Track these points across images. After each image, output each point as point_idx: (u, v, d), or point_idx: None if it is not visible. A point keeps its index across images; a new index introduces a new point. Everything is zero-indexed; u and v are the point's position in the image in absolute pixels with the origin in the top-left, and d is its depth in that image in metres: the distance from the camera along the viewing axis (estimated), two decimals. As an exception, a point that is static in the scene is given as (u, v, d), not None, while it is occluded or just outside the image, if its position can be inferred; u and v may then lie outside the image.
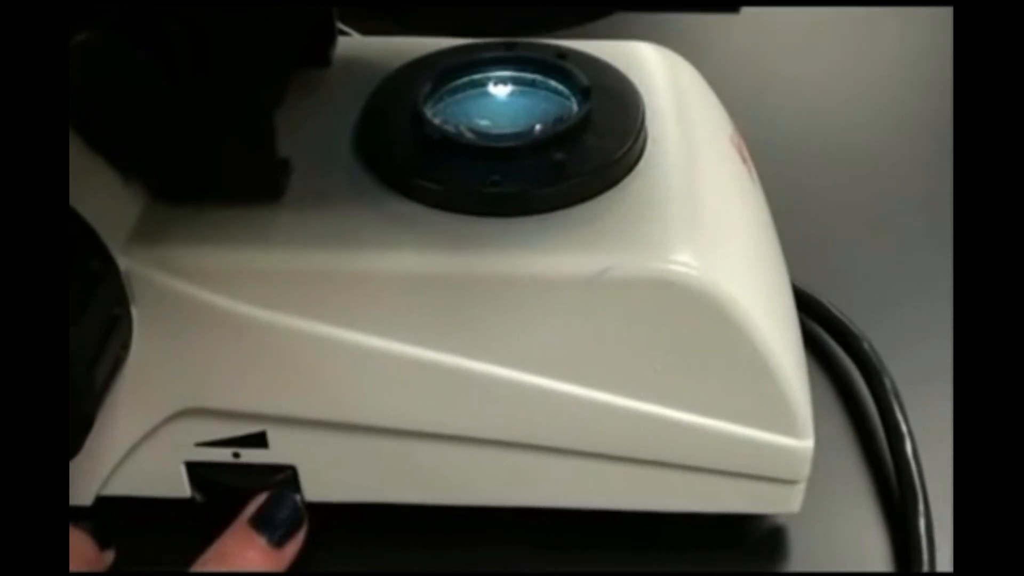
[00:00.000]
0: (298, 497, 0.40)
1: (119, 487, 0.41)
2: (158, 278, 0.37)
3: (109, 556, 0.40)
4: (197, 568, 0.38)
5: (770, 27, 0.70)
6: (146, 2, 0.30)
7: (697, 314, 0.36)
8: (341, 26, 0.50)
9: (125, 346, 0.37)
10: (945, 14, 0.72)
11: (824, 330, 0.49)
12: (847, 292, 0.50)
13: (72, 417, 0.34)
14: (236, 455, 0.40)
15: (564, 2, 0.30)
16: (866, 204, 0.57)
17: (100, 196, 0.36)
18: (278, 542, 0.39)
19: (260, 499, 0.40)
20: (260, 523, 0.39)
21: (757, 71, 0.68)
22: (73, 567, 0.38)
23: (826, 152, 0.61)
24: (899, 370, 0.46)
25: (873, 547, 0.41)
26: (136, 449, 0.40)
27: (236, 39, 0.36)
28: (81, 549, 0.39)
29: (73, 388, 0.34)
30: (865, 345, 0.47)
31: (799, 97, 0.67)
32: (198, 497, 0.41)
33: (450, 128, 0.40)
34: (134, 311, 0.37)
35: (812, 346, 0.49)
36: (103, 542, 0.40)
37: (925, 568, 0.40)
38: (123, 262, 0.36)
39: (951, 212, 0.53)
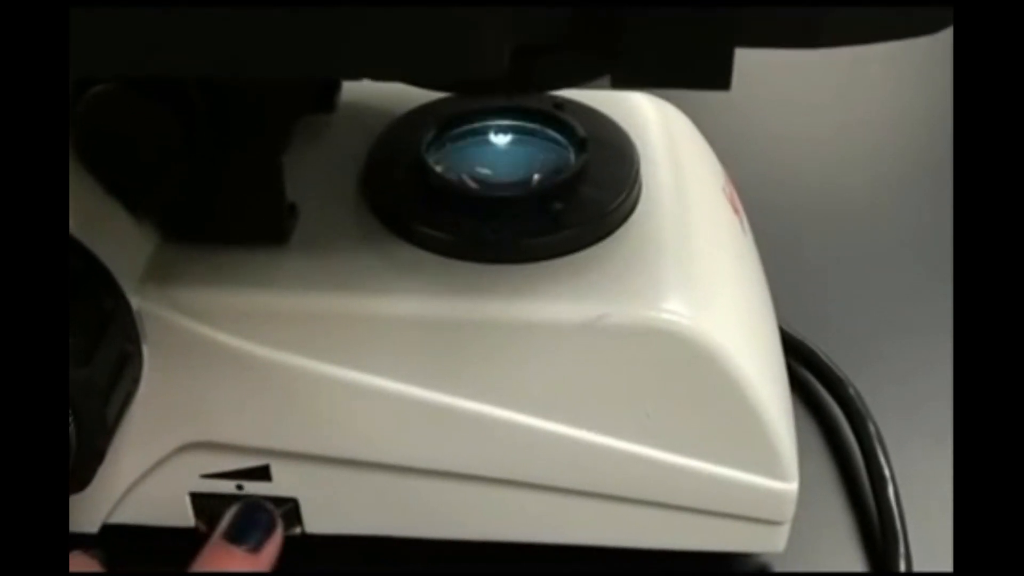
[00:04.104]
0: (267, 503, 0.41)
1: (125, 516, 0.42)
2: (168, 317, 0.38)
3: None
4: None
5: (762, 79, 0.72)
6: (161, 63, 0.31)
7: (688, 361, 0.37)
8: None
9: (135, 381, 0.38)
10: (941, 60, 0.73)
11: (811, 375, 0.50)
12: (835, 338, 0.51)
13: (85, 449, 0.36)
14: (240, 487, 0.41)
15: (560, 74, 0.32)
16: (856, 252, 0.58)
17: (114, 238, 0.38)
18: (255, 548, 0.40)
19: (231, 513, 0.41)
20: (235, 535, 0.40)
21: (749, 121, 0.69)
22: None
23: (816, 201, 0.63)
24: (883, 415, 0.47)
25: (856, 586, 0.43)
26: (143, 480, 0.41)
27: (246, 88, 0.37)
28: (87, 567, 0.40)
29: (86, 422, 0.35)
30: (851, 390, 0.48)
31: (790, 147, 0.68)
32: (202, 527, 0.42)
33: (452, 177, 0.41)
34: (145, 348, 0.38)
35: (799, 390, 0.50)
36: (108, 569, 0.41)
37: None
38: (135, 301, 0.38)
39: (940, 260, 0.55)
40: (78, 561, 0.39)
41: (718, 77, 0.26)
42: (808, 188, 0.64)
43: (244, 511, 0.41)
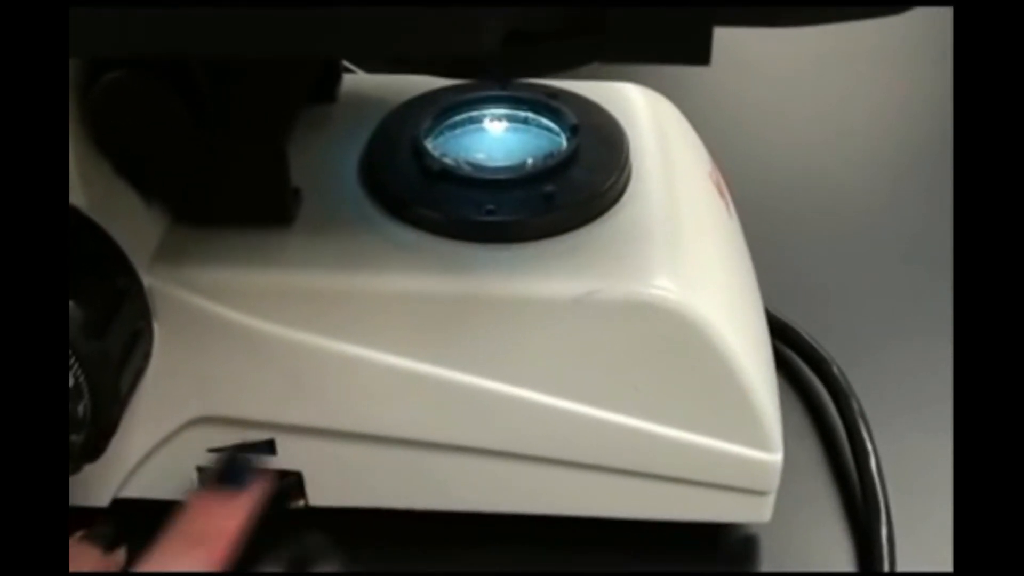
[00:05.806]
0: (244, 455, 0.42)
1: (134, 490, 0.43)
2: (178, 295, 0.39)
3: (120, 556, 0.42)
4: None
5: (747, 69, 0.74)
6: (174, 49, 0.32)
7: (676, 334, 0.39)
8: (346, 64, 0.53)
9: (146, 357, 0.40)
10: (932, 54, 0.75)
11: (797, 355, 0.52)
12: (819, 321, 0.53)
13: (99, 420, 0.37)
14: (246, 461, 0.43)
15: (552, 56, 0.33)
16: (838, 235, 0.60)
17: (127, 219, 0.39)
18: (240, 487, 0.40)
19: (216, 462, 0.41)
20: (220, 479, 0.40)
21: (735, 109, 0.71)
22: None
23: (800, 186, 0.64)
24: (865, 390, 0.49)
25: (839, 552, 0.44)
26: (152, 454, 0.42)
27: (253, 78, 0.39)
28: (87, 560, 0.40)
29: (100, 393, 0.36)
30: (834, 368, 0.50)
31: (775, 133, 0.69)
32: (209, 501, 0.44)
33: (449, 161, 0.43)
34: (155, 325, 0.40)
35: (785, 370, 0.51)
36: (115, 543, 0.42)
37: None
38: (147, 280, 0.39)
39: (925, 245, 0.56)
40: (81, 551, 0.40)
41: (698, 53, 0.28)
42: (791, 175, 0.65)
43: (226, 459, 0.42)
